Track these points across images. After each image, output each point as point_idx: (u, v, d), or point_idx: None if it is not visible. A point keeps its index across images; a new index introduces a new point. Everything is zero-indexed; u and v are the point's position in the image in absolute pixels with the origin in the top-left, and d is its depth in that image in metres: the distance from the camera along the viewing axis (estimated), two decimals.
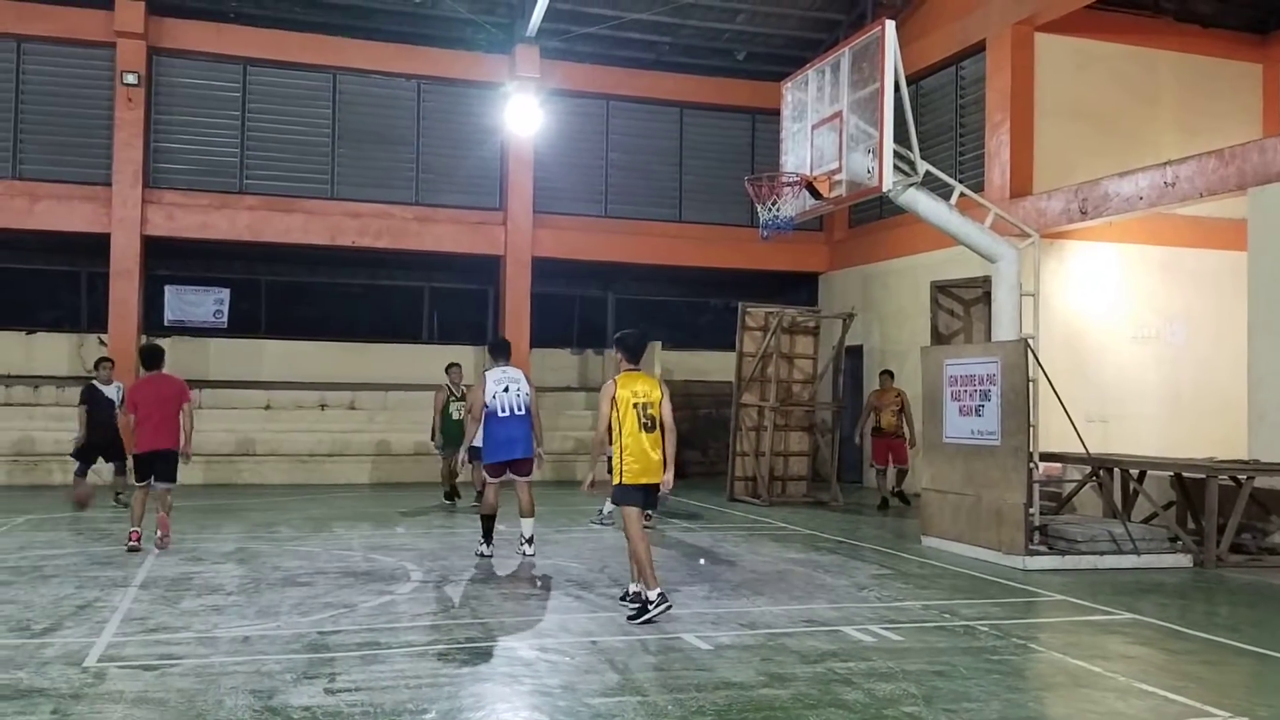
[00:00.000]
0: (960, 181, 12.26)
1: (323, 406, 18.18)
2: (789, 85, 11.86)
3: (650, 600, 7.02)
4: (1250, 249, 11.64)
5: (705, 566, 9.38)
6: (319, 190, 18.16)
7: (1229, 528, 9.89)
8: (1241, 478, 10.06)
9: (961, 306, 13.08)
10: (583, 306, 21.34)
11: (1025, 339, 9.96)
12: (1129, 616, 7.52)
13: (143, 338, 17.00)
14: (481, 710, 5.10)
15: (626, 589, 7.60)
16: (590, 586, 8.30)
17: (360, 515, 12.72)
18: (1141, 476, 10.89)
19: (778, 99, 12.09)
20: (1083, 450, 10.36)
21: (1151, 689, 5.62)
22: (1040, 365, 9.95)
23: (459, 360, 15.07)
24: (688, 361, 20.24)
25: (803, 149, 11.35)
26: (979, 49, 15.90)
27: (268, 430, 17.38)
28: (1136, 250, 14.87)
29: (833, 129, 10.77)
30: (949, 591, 8.34)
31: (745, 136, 20.17)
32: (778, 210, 11.19)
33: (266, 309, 19.76)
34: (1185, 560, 9.87)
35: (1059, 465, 11.84)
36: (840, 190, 10.77)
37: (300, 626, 6.75)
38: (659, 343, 17.87)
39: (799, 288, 20.39)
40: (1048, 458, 11.00)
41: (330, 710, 5.01)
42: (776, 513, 13.69)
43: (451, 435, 13.54)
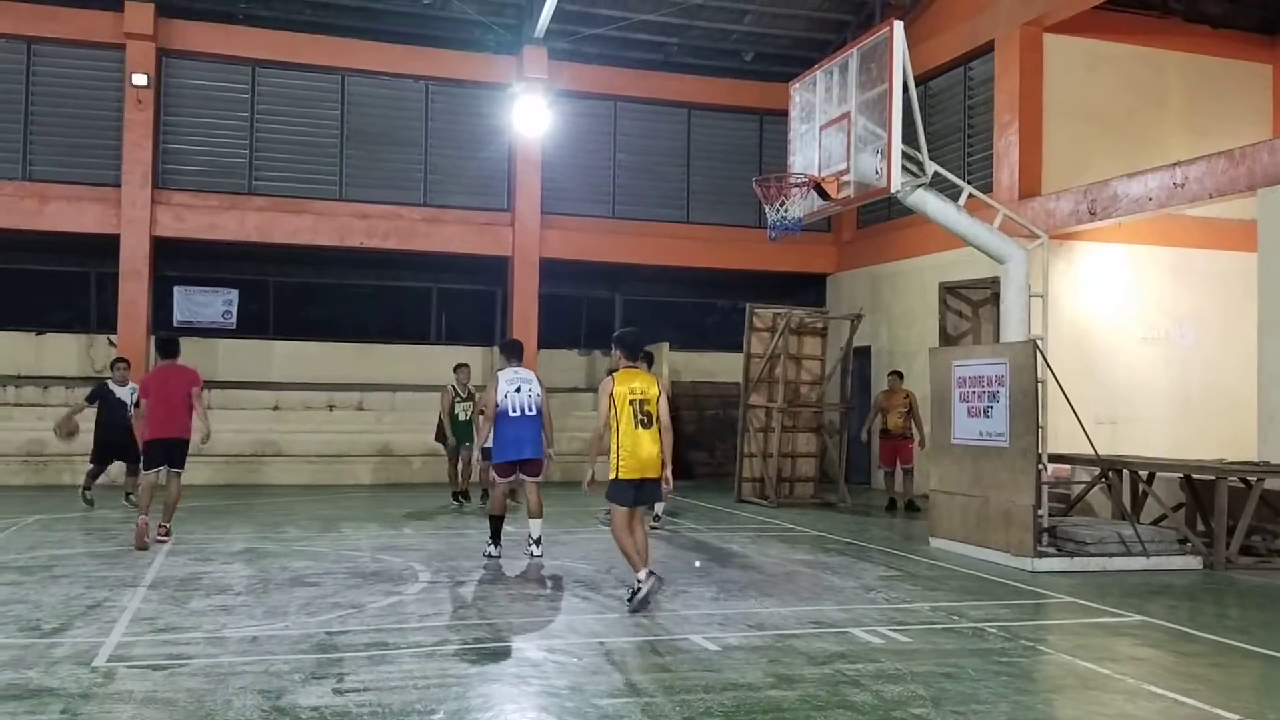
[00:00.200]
0: (969, 182, 12.23)
1: (331, 407, 18.22)
2: (797, 86, 11.84)
3: (640, 579, 7.21)
4: (1260, 250, 11.60)
5: (700, 566, 9.41)
6: (327, 191, 18.22)
7: (1239, 529, 9.86)
8: (1251, 479, 10.03)
9: (970, 307, 13.06)
10: (590, 307, 21.36)
11: (1034, 340, 9.93)
12: (1138, 618, 7.49)
13: (152, 339, 17.09)
14: (489, 711, 5.11)
15: (633, 587, 7.60)
16: (598, 587, 8.29)
17: (368, 516, 12.75)
18: (1151, 478, 10.85)
19: (786, 100, 12.08)
20: (1091, 452, 10.34)
21: (1161, 691, 5.61)
22: (1049, 366, 9.92)
23: (467, 361, 15.09)
24: (695, 362, 20.26)
25: (811, 150, 11.34)
26: (987, 50, 15.88)
27: (276, 431, 17.41)
28: (1146, 251, 14.83)
29: (841, 130, 10.75)
30: (957, 593, 8.32)
31: (753, 137, 20.17)
32: (785, 211, 11.17)
33: (275, 310, 19.83)
34: (1195, 562, 9.84)
35: (1068, 467, 11.82)
36: (848, 191, 10.74)
37: (308, 627, 6.77)
38: (666, 344, 17.86)
39: (807, 289, 20.38)
40: (1056, 459, 10.99)
41: (338, 710, 5.02)
42: (784, 514, 13.68)
43: (460, 435, 13.58)
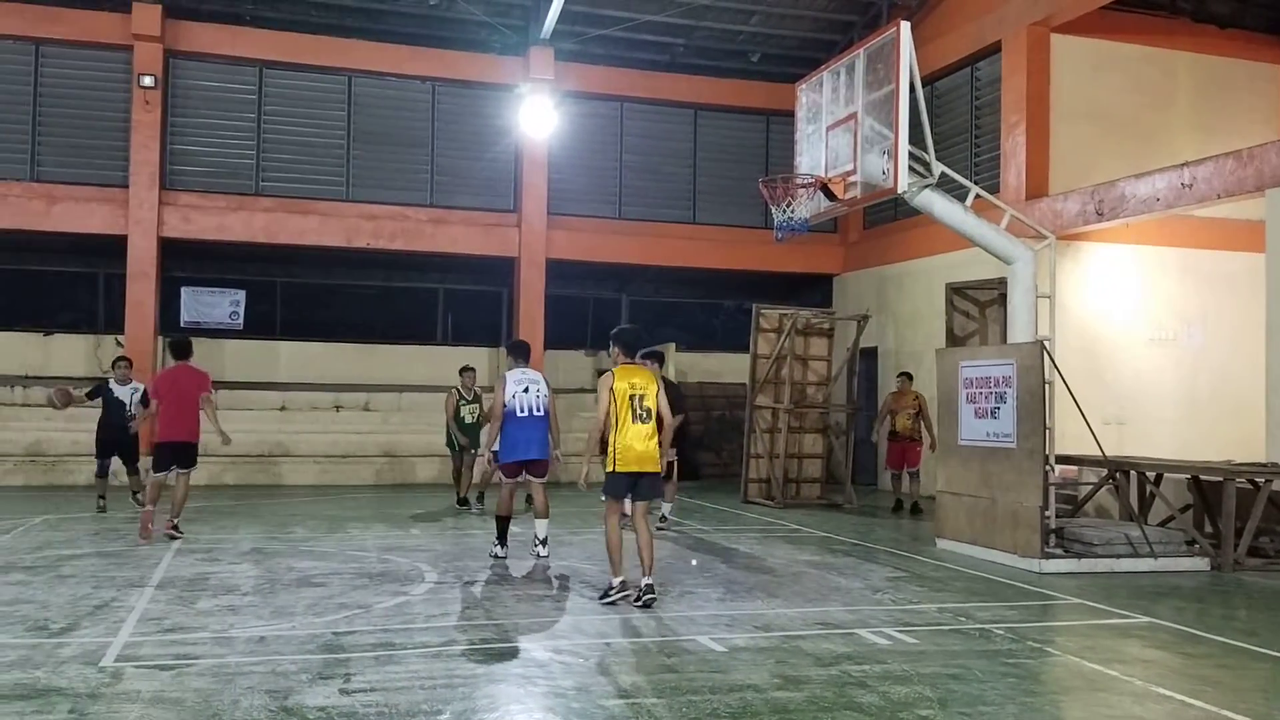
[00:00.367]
0: (976, 183, 12.23)
1: (337, 408, 18.26)
2: (804, 87, 11.84)
3: (612, 585, 7.64)
4: (1268, 250, 11.56)
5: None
6: (334, 192, 18.25)
7: (1246, 531, 9.84)
8: (1259, 480, 10.00)
9: (977, 308, 13.03)
10: (597, 308, 21.35)
11: (1041, 341, 9.91)
12: (1146, 620, 7.48)
13: (159, 339, 17.14)
14: (496, 711, 5.11)
15: (639, 585, 7.61)
16: (604, 588, 8.28)
17: (375, 516, 12.76)
18: (1158, 479, 10.83)
19: (792, 100, 12.07)
20: (1099, 453, 10.30)
21: (1168, 693, 5.59)
22: (1056, 367, 9.91)
23: (474, 363, 15.01)
24: (702, 363, 20.26)
25: (817, 150, 11.33)
26: (994, 50, 15.85)
27: (283, 431, 17.45)
28: (1153, 252, 14.80)
29: (848, 130, 10.75)
30: (964, 594, 8.31)
31: (760, 138, 20.15)
32: (792, 212, 11.17)
33: (282, 310, 19.87)
34: (1202, 563, 9.81)
35: (1075, 468, 11.78)
36: (855, 192, 10.74)
37: (315, 627, 6.78)
38: (673, 344, 17.86)
39: (813, 289, 20.36)
40: (1064, 460, 10.96)
41: (345, 711, 5.02)
42: (791, 515, 13.67)
43: (466, 437, 13.57)
